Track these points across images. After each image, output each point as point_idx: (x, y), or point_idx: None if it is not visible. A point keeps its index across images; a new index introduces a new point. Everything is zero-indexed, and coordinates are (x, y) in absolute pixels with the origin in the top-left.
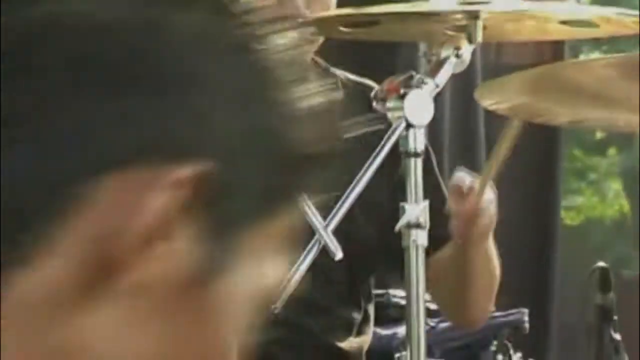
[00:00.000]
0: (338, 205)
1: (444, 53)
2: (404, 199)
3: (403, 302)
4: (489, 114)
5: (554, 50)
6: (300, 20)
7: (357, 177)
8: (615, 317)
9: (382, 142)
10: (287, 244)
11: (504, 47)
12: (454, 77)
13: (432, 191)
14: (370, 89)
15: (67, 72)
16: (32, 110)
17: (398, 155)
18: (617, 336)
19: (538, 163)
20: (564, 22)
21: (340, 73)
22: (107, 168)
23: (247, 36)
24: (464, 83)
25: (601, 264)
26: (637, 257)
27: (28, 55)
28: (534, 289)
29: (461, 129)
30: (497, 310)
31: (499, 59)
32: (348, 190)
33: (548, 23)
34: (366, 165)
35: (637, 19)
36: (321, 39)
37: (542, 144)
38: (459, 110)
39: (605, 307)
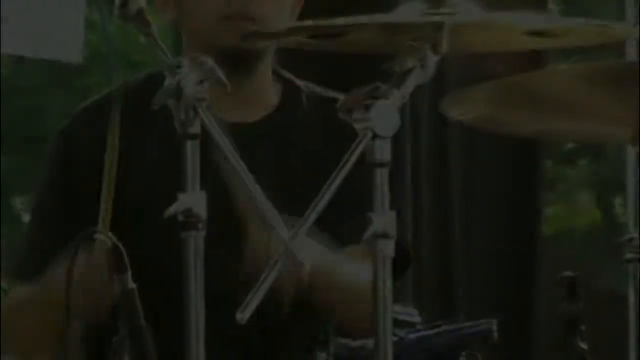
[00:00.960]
0: (306, 216)
1: (409, 64)
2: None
3: None
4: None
5: (536, 61)
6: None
7: (324, 188)
8: (583, 327)
9: (349, 154)
10: None
11: (486, 59)
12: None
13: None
14: (336, 100)
15: None
16: None
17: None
18: (584, 346)
19: (517, 175)
20: (529, 33)
21: (304, 85)
22: None
23: None
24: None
25: (568, 273)
26: (608, 269)
27: None
28: (512, 300)
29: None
30: (467, 320)
31: (479, 71)
32: (315, 201)
33: (513, 34)
34: (332, 176)
35: (602, 30)
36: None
37: (521, 155)
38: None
39: (571, 316)
